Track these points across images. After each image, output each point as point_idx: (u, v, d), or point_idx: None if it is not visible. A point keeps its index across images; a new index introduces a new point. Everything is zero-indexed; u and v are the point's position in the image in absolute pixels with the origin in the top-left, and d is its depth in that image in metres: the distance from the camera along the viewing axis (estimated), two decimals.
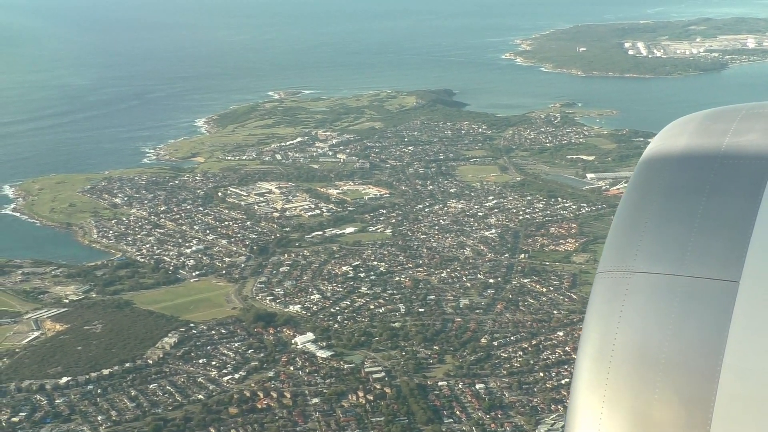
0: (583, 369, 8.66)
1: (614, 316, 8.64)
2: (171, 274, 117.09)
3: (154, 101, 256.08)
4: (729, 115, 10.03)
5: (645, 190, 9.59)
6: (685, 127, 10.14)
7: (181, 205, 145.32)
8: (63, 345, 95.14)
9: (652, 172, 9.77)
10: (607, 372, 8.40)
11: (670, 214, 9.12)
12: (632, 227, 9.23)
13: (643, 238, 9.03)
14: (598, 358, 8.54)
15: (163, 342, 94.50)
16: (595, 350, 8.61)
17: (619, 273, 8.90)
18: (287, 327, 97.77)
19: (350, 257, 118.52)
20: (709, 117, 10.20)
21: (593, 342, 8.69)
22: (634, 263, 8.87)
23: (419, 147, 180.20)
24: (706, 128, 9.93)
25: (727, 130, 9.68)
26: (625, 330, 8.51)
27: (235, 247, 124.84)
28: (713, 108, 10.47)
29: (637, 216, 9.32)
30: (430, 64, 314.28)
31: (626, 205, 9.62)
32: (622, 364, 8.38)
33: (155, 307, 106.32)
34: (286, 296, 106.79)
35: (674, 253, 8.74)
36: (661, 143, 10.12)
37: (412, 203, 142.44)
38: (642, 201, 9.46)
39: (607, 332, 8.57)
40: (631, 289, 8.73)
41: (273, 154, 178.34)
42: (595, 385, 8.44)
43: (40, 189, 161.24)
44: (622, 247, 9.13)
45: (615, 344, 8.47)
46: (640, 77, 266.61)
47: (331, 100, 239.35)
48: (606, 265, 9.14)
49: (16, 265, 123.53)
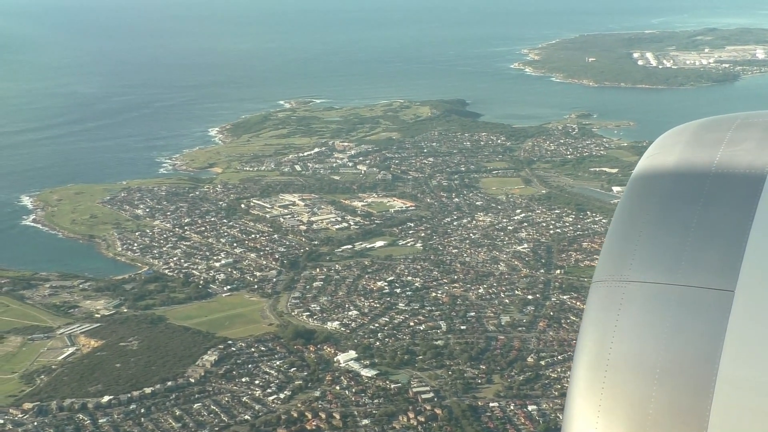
0: (578, 378, 8.64)
1: (610, 325, 8.62)
2: (202, 288, 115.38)
3: (164, 110, 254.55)
4: (723, 124, 9.93)
5: (640, 200, 9.55)
6: (679, 136, 10.07)
7: (205, 217, 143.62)
8: (101, 362, 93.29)
9: (647, 182, 9.71)
10: (602, 381, 8.39)
11: (665, 224, 9.09)
12: (627, 237, 9.21)
13: (638, 248, 9.00)
14: (593, 366, 8.52)
15: (204, 360, 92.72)
16: (591, 359, 8.59)
17: (615, 282, 8.88)
18: (327, 344, 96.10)
19: (383, 272, 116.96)
20: (704, 126, 10.12)
21: (589, 351, 8.66)
22: (629, 272, 8.85)
23: (439, 158, 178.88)
24: (700, 138, 9.87)
25: (722, 140, 9.61)
26: (621, 339, 8.49)
27: (264, 260, 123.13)
28: (707, 117, 10.34)
29: (632, 225, 9.28)
30: (439, 73, 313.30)
31: (621, 215, 9.60)
32: (617, 373, 8.37)
33: (190, 323, 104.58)
34: (323, 312, 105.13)
35: (670, 262, 8.72)
36: (655, 153, 10.08)
37: (439, 216, 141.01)
38: (637, 210, 9.42)
39: (603, 341, 8.56)
40: (626, 298, 8.71)
41: (292, 165, 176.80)
42: (590, 393, 8.43)
43: (58, 200, 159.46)
44: (618, 256, 9.12)
45: (610, 353, 8.45)
46: (653, 88, 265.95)
47: (344, 110, 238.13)
48: (601, 275, 9.12)
49: (43, 278, 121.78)
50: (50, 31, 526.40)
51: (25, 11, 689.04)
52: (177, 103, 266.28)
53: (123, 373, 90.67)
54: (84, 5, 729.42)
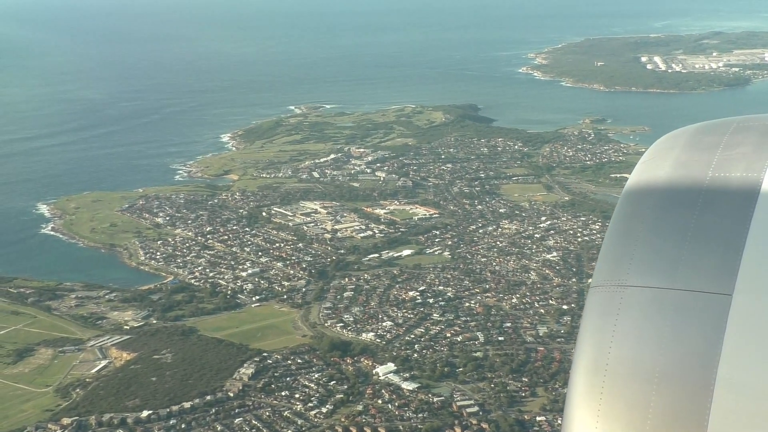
0: (577, 383, 8.61)
1: (608, 330, 8.60)
2: (230, 298, 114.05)
3: (173, 116, 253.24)
4: (720, 128, 9.86)
5: (637, 204, 9.50)
6: (676, 140, 10.02)
7: (226, 225, 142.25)
8: (136, 375, 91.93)
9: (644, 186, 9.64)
10: (601, 386, 8.35)
11: (662, 228, 9.06)
12: (625, 241, 9.16)
13: (635, 252, 8.97)
14: (592, 371, 8.49)
15: (241, 373, 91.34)
16: (590, 364, 8.56)
17: (613, 287, 8.86)
18: (365, 356, 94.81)
19: (414, 281, 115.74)
20: (701, 130, 10.04)
21: (587, 356, 8.63)
22: (627, 277, 8.83)
23: (457, 165, 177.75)
24: (697, 142, 9.80)
25: (719, 144, 9.55)
26: (619, 344, 8.46)
27: (292, 270, 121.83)
28: (704, 121, 10.27)
29: (629, 230, 9.24)
30: (448, 78, 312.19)
31: (619, 219, 9.54)
32: (616, 378, 8.35)
33: (221, 335, 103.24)
34: (356, 323, 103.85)
35: (667, 266, 8.70)
36: (652, 157, 10.02)
37: (463, 224, 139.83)
38: (634, 215, 9.38)
39: (601, 346, 8.54)
40: (624, 303, 8.70)
41: (309, 172, 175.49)
42: (589, 398, 8.41)
43: (76, 208, 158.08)
44: (615, 261, 9.09)
45: (609, 358, 8.42)
46: (664, 92, 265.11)
47: (355, 115, 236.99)
48: (599, 279, 9.11)
49: (68, 288, 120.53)
50: (51, 36, 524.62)
51: (24, 16, 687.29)
52: (185, 108, 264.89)
53: (160, 386, 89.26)
54: (84, 9, 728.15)
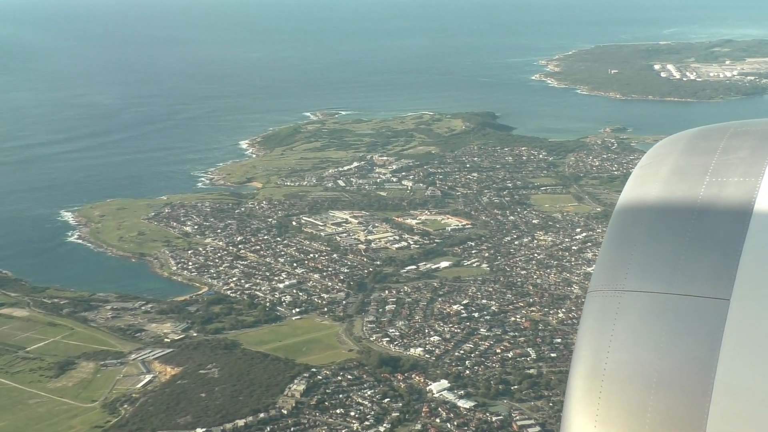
0: (575, 387, 8.61)
1: (606, 335, 8.61)
2: (269, 311, 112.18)
3: (187, 122, 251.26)
4: (717, 133, 9.89)
5: (635, 209, 9.52)
6: (674, 145, 10.06)
7: (257, 235, 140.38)
8: (184, 391, 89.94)
9: (642, 191, 9.63)
10: (599, 390, 8.36)
11: (660, 233, 9.06)
12: (623, 246, 9.21)
13: (633, 257, 9.01)
14: (590, 376, 8.50)
15: (292, 389, 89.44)
16: (588, 369, 8.57)
17: (611, 291, 8.88)
18: (416, 373, 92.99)
19: (455, 294, 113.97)
20: (698, 135, 10.09)
21: (585, 360, 8.64)
22: (625, 282, 8.85)
23: (483, 174, 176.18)
24: (694, 146, 9.84)
25: (716, 148, 9.59)
26: (617, 348, 8.47)
27: (329, 282, 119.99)
28: (702, 126, 10.29)
29: (627, 235, 9.27)
30: (461, 84, 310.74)
31: (616, 224, 9.57)
32: (614, 383, 8.34)
33: (265, 349, 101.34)
34: (403, 338, 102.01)
35: (665, 271, 8.72)
36: (650, 162, 10.04)
37: (498, 235, 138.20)
38: (632, 220, 9.40)
39: (599, 351, 8.53)
40: (622, 307, 8.70)
41: (334, 180, 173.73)
42: (587, 403, 8.39)
43: (101, 215, 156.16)
44: (613, 265, 9.12)
45: (607, 363, 8.42)
46: (682, 101, 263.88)
47: (373, 122, 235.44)
48: (597, 284, 9.12)
49: (102, 299, 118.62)
50: (54, 38, 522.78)
51: (24, 17, 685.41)
52: (199, 114, 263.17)
53: (210, 403, 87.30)
54: (85, 9, 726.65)
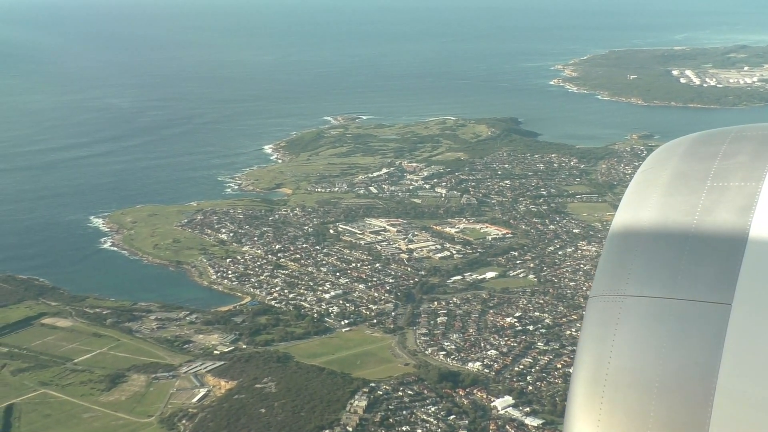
0: (577, 393, 8.58)
1: (608, 340, 8.57)
2: (317, 322, 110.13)
3: (206, 126, 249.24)
4: (718, 138, 9.91)
5: (635, 214, 9.45)
6: (674, 150, 10.05)
7: (295, 243, 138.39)
8: (243, 407, 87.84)
9: (643, 196, 9.61)
10: (601, 396, 8.35)
11: (661, 238, 9.04)
12: (624, 251, 9.18)
13: (634, 262, 8.98)
14: (592, 382, 8.47)
15: (354, 405, 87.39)
16: (589, 374, 8.54)
17: (612, 297, 8.85)
18: (477, 388, 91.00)
19: (506, 306, 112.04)
20: (699, 140, 10.10)
21: (587, 366, 8.61)
22: (626, 287, 8.82)
23: (516, 181, 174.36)
24: (695, 151, 9.84)
25: (717, 153, 9.57)
26: (619, 354, 8.45)
27: (376, 292, 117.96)
28: (702, 131, 10.28)
29: (628, 240, 9.25)
30: (479, 89, 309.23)
31: (618, 229, 9.53)
32: (616, 388, 8.32)
33: (319, 362, 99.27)
34: (459, 351, 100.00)
35: (666, 276, 8.67)
36: (651, 167, 10.02)
37: (540, 245, 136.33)
38: (633, 224, 9.35)
39: (601, 356, 8.51)
40: (624, 312, 8.67)
41: (366, 187, 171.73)
42: (589, 409, 8.38)
43: (132, 222, 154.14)
44: (615, 270, 9.08)
45: (609, 368, 8.40)
46: (705, 107, 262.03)
47: (397, 127, 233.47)
48: (599, 289, 9.10)
49: (144, 309, 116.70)
50: (60, 41, 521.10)
51: (29, 20, 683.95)
52: (218, 117, 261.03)
53: (272, 419, 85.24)
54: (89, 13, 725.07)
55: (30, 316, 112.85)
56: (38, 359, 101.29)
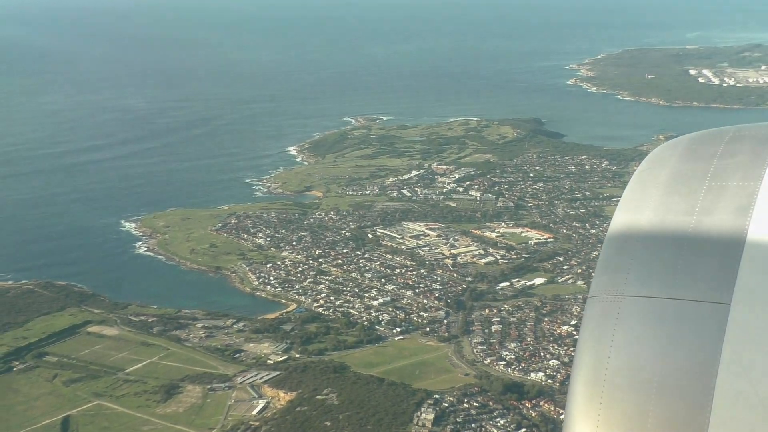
0: (576, 393, 8.55)
1: (606, 340, 8.54)
2: (369, 330, 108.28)
3: (227, 127, 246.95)
4: (716, 137, 9.81)
5: (634, 214, 9.41)
6: (672, 150, 9.97)
7: (335, 248, 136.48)
8: (307, 419, 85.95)
9: (641, 196, 9.54)
10: (600, 395, 8.30)
11: (659, 238, 9.01)
12: (622, 251, 9.17)
13: (633, 262, 8.96)
14: (591, 382, 8.44)
15: (421, 418, 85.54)
16: (589, 374, 8.50)
17: (611, 297, 8.82)
18: (544, 400, 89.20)
19: (560, 314, 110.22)
20: (697, 140, 9.99)
21: (586, 366, 8.58)
22: (625, 287, 8.79)
23: (549, 184, 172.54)
24: (693, 151, 9.74)
25: (715, 153, 9.53)
26: (618, 354, 8.42)
27: (425, 299, 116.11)
28: (700, 131, 10.14)
29: (627, 240, 9.24)
30: (498, 89, 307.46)
31: (616, 229, 9.49)
32: (615, 388, 8.29)
33: (376, 372, 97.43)
34: (519, 361, 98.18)
35: (665, 276, 8.64)
36: (649, 167, 9.95)
37: (584, 250, 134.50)
38: (632, 224, 9.32)
39: (600, 356, 8.47)
40: (622, 312, 8.64)
41: (398, 190, 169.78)
42: (588, 409, 8.34)
43: (165, 226, 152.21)
44: (613, 271, 9.06)
45: (608, 368, 8.37)
46: (728, 108, 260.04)
47: (420, 128, 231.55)
48: (597, 289, 9.08)
49: (189, 316, 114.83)
50: (67, 41, 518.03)
51: (38, 20, 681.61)
52: (237, 119, 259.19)
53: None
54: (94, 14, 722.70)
55: (75, 324, 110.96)
56: (89, 369, 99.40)
